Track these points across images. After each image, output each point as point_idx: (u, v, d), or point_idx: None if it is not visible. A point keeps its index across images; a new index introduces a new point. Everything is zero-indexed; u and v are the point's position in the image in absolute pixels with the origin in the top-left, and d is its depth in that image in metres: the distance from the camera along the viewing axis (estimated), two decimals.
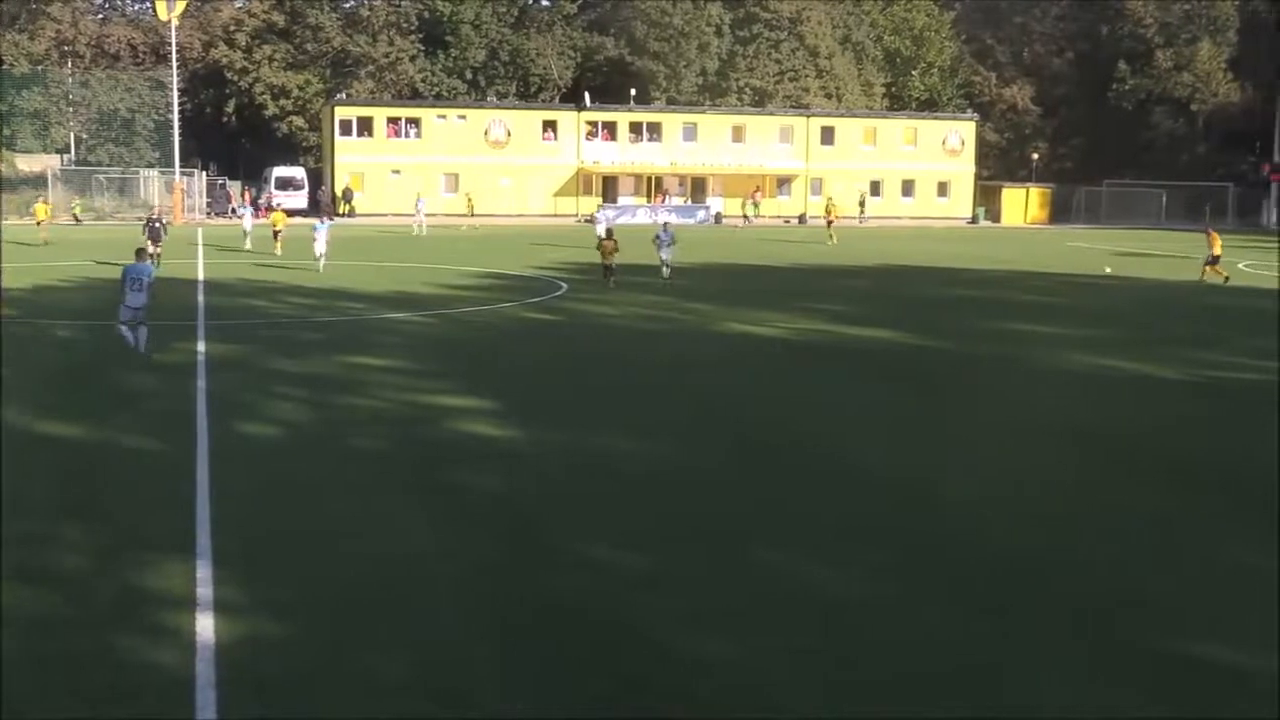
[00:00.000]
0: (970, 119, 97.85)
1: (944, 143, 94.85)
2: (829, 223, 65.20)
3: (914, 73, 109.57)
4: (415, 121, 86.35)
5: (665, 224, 44.02)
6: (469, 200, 75.64)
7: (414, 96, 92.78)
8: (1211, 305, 36.85)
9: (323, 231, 43.14)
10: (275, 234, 49.62)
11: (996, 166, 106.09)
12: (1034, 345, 27.42)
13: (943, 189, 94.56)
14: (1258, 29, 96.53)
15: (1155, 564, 12.12)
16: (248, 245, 52.02)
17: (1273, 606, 10.82)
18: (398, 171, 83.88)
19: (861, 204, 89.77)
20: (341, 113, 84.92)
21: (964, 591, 11.28)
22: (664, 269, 39.90)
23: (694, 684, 9.18)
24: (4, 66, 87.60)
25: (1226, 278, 42.80)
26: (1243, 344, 27.95)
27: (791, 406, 20.29)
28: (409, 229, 66.35)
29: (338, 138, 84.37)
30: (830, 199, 71.56)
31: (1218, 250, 43.01)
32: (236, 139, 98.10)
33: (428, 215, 67.13)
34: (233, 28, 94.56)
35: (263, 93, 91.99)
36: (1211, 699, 9.09)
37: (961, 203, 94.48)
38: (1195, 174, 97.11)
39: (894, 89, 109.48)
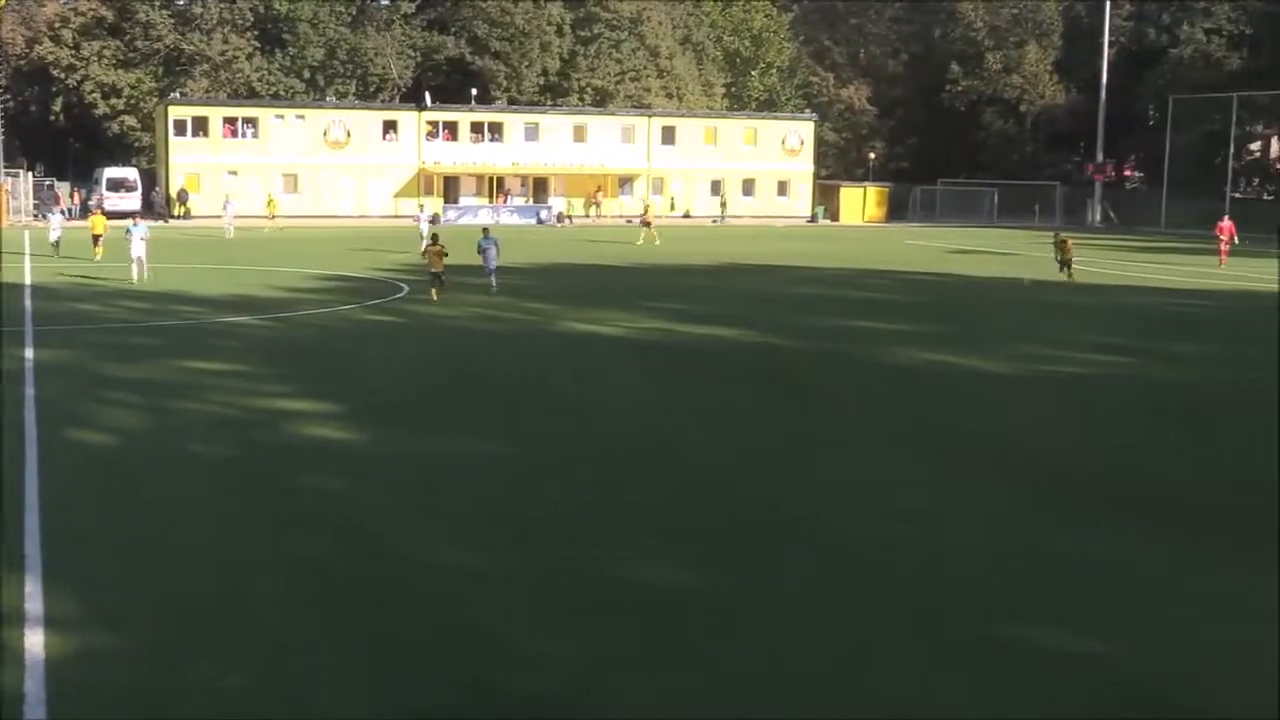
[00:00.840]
0: (809, 119, 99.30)
1: (783, 142, 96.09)
2: (645, 224, 64.47)
3: (753, 73, 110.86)
4: (252, 121, 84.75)
5: (486, 229, 39.34)
6: (270, 200, 73.81)
7: (250, 96, 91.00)
8: (1039, 301, 37.97)
9: (138, 234, 39.40)
10: (95, 239, 46.49)
11: (835, 166, 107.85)
12: (870, 341, 27.98)
13: (783, 188, 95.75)
14: (1080, 33, 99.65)
15: (981, 553, 12.49)
16: (61, 251, 48.68)
17: (1095, 591, 11.26)
18: (235, 172, 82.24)
19: (723, 204, 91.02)
20: (175, 112, 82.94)
21: (805, 586, 11.50)
22: (491, 279, 36.19)
23: (538, 683, 9.23)
24: None
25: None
26: (1067, 338, 28.88)
27: (630, 405, 20.43)
28: (247, 230, 65.11)
29: (172, 138, 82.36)
30: (649, 202, 70.13)
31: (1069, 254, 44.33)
32: (65, 138, 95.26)
33: (237, 216, 65.55)
34: (58, 23, 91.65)
35: (92, 91, 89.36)
36: (1039, 682, 9.41)
37: (801, 202, 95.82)
38: (1025, 173, 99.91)
39: (734, 89, 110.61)
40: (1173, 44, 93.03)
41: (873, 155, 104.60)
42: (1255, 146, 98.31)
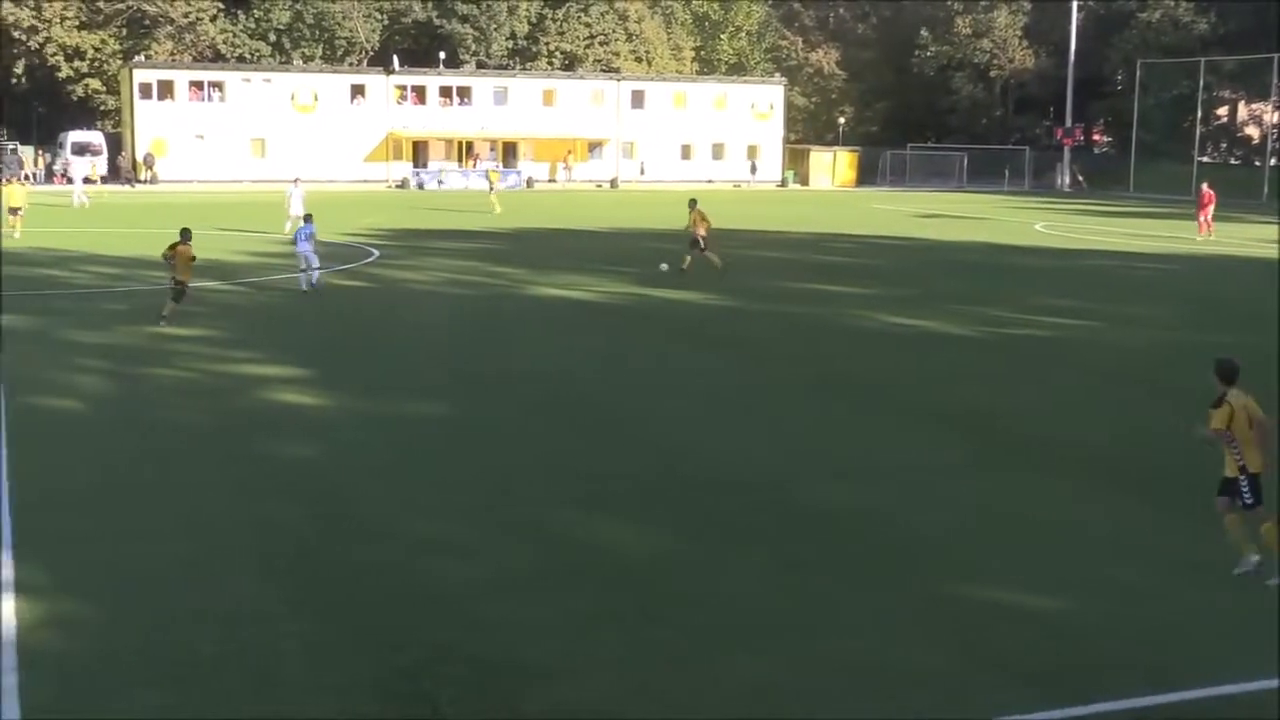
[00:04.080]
0: (779, 83, 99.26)
1: (753, 107, 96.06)
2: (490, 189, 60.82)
3: (723, 37, 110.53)
4: (219, 85, 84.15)
5: (308, 216, 30.35)
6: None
7: (216, 59, 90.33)
8: (1005, 265, 38.19)
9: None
10: (13, 211, 41.68)
11: (805, 130, 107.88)
12: (832, 304, 28.14)
13: (752, 152, 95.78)
14: None
15: (939, 512, 12.68)
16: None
17: (1044, 550, 11.47)
18: (202, 136, 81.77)
19: (753, 169, 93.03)
20: (141, 75, 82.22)
21: (766, 547, 11.67)
22: (308, 275, 28.83)
23: (507, 649, 9.36)
24: None
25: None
26: (1030, 301, 29.09)
27: (596, 369, 20.55)
28: (214, 195, 64.71)
29: (137, 101, 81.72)
30: (492, 170, 66.93)
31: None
32: (28, 101, 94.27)
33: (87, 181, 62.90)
34: None
35: (55, 54, 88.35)
36: (997, 636, 9.60)
37: (771, 166, 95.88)
38: (995, 138, 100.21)
39: (703, 53, 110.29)
40: (1141, 8, 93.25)
41: (842, 120, 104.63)
42: (1223, 111, 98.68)
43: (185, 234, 24.35)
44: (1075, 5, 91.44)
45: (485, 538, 11.88)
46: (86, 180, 57.23)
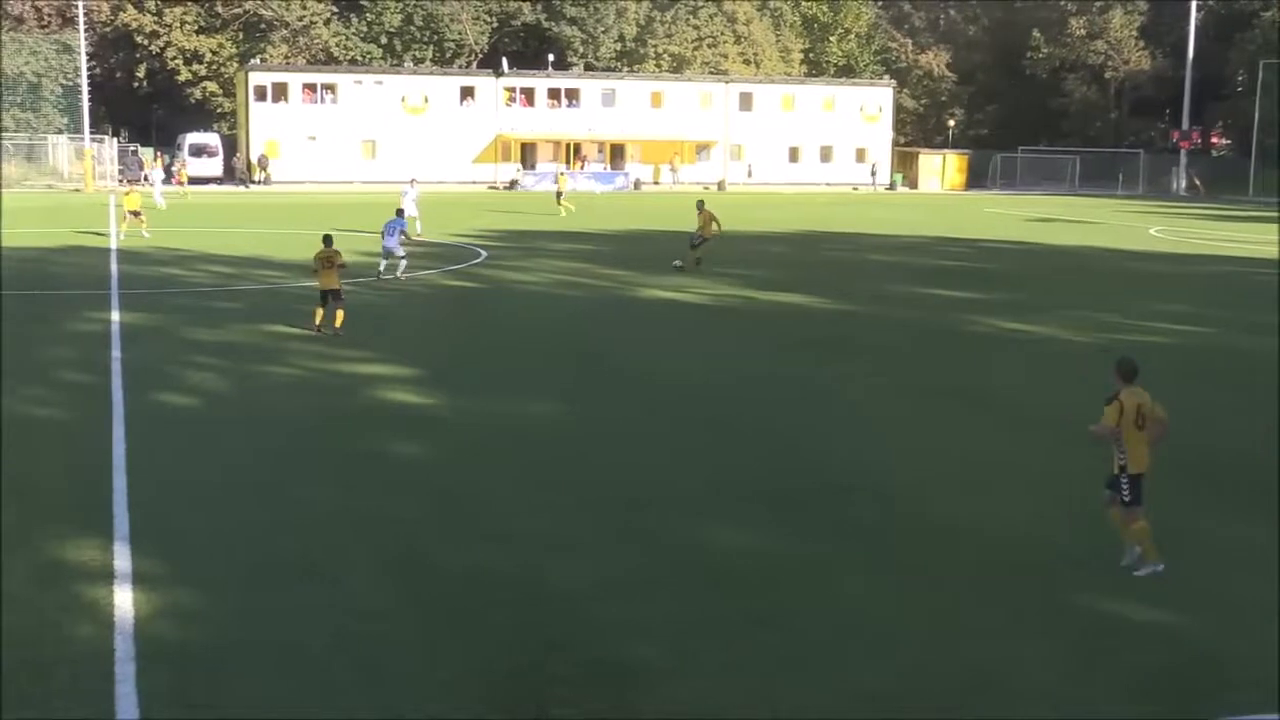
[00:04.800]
0: (887, 85, 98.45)
1: (861, 109, 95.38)
2: (559, 195, 58.89)
3: (831, 39, 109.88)
4: (331, 88, 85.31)
5: (399, 210, 31.59)
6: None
7: (329, 61, 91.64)
8: (1119, 269, 37.46)
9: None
10: (134, 214, 41.17)
11: (914, 133, 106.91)
12: (946, 309, 27.77)
13: (860, 155, 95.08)
14: None
15: (1058, 522, 12.40)
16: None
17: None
18: (314, 138, 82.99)
19: (873, 172, 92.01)
20: (256, 78, 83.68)
21: (881, 553, 11.49)
22: (393, 264, 30.49)
23: (618, 650, 9.30)
24: None
25: None
26: (1145, 307, 28.47)
27: (706, 372, 20.44)
28: (329, 195, 65.65)
29: (252, 103, 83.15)
30: (561, 173, 65.98)
31: None
32: (149, 104, 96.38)
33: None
34: None
35: (175, 57, 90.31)
36: (1121, 650, 9.35)
37: (879, 169, 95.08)
38: (1108, 141, 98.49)
39: (812, 55, 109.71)
40: (1265, 8, 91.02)
41: (952, 122, 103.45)
42: None
43: (327, 240, 23.66)
44: (1194, 5, 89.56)
45: (598, 538, 11.84)
46: (177, 182, 57.30)
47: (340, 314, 22.67)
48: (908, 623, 9.92)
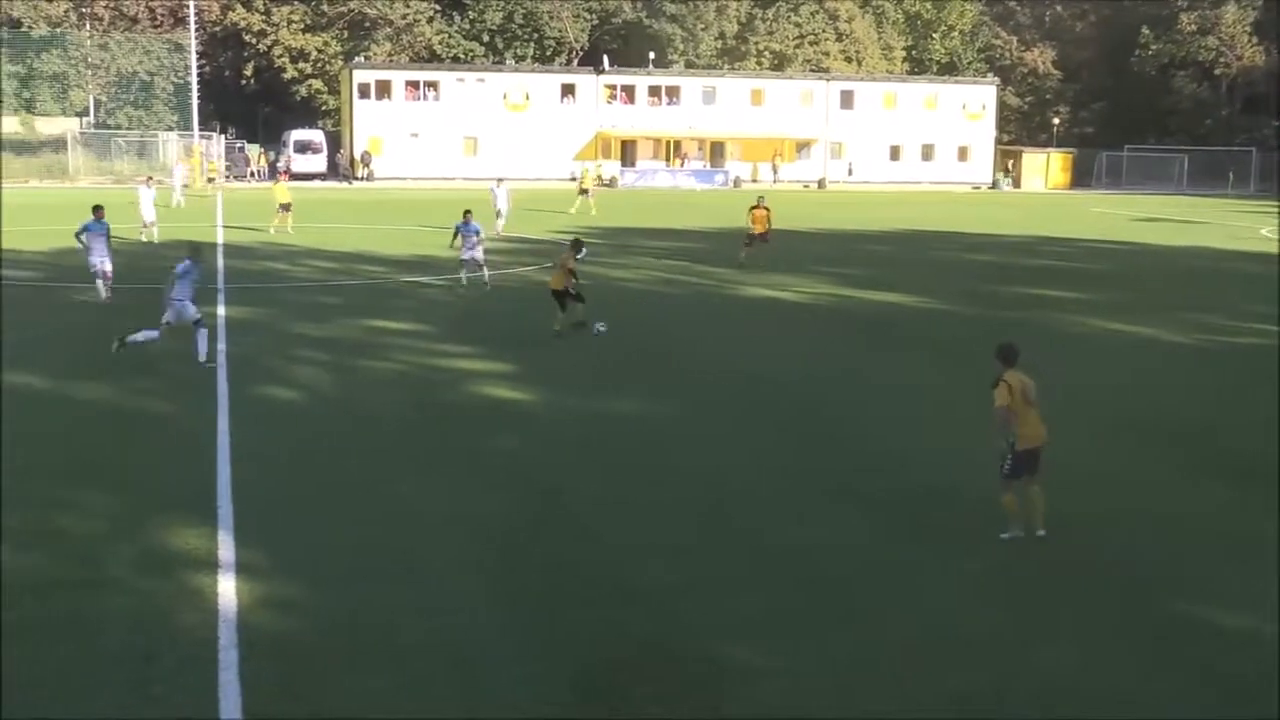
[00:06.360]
0: (991, 83, 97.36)
1: (964, 107, 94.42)
2: (582, 191, 57.27)
3: (934, 36, 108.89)
4: (434, 85, 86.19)
5: (466, 212, 29.39)
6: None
7: (431, 59, 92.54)
8: (1228, 270, 36.72)
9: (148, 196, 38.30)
10: (284, 208, 42.15)
11: (1017, 131, 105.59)
12: (1047, 309, 27.42)
13: (963, 154, 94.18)
14: None
15: (1152, 526, 12.22)
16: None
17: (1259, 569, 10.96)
18: (416, 135, 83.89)
19: (1007, 172, 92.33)
20: (360, 76, 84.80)
21: (973, 557, 11.41)
22: (473, 266, 29.11)
23: (708, 649, 9.33)
24: (23, 28, 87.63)
25: None
26: (1252, 309, 27.88)
27: (802, 372, 20.37)
28: (431, 192, 66.24)
29: (356, 101, 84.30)
30: (586, 169, 65.57)
31: None
32: (256, 102, 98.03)
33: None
34: None
35: (281, 55, 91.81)
36: (1213, 658, 9.22)
37: (982, 168, 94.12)
38: (1218, 139, 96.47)
39: (914, 52, 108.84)
40: None
41: (1056, 120, 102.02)
42: None
43: (577, 245, 23.32)
44: None
45: (691, 537, 11.88)
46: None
47: (580, 307, 22.74)
48: (994, 625, 9.86)
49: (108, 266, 25.42)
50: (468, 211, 29.33)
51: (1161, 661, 9.24)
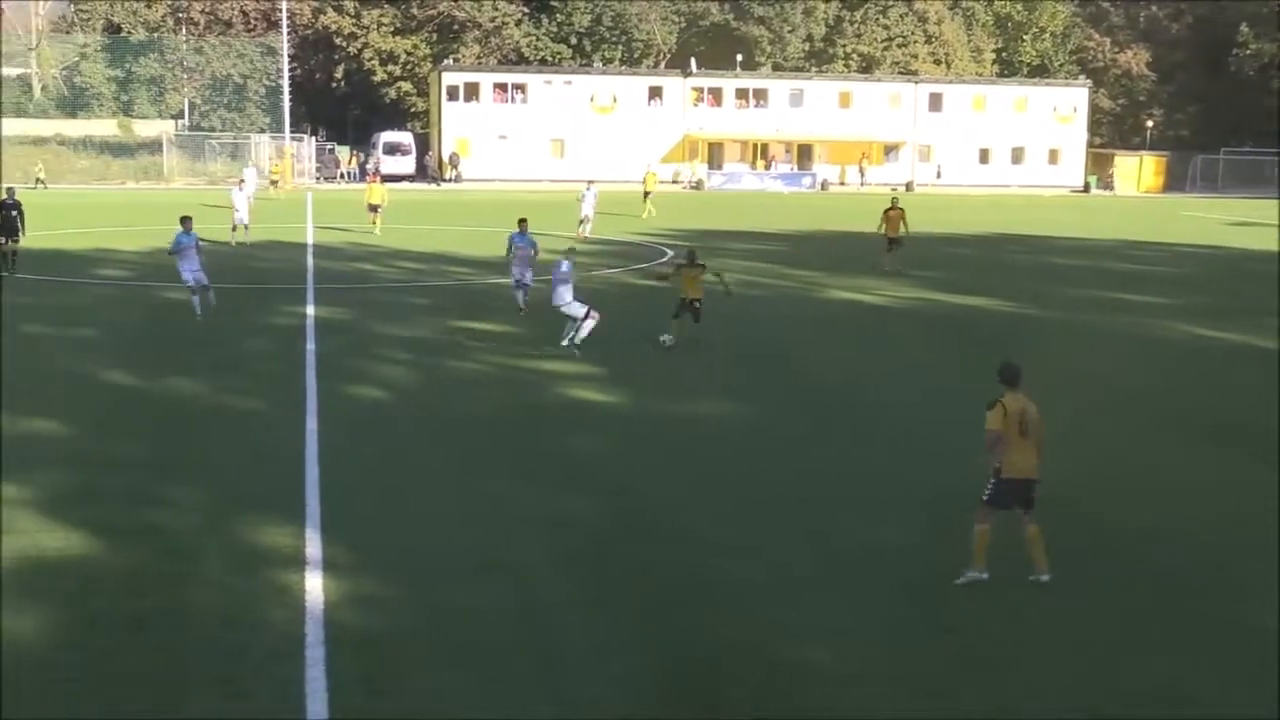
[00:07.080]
0: (1083, 86, 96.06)
1: (1055, 110, 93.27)
2: (646, 194, 56.27)
3: (1025, 38, 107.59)
4: (521, 87, 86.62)
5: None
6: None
7: (519, 62, 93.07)
8: None
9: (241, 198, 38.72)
10: (373, 208, 42.87)
11: (1109, 133, 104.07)
12: (1135, 313, 27.06)
13: (1053, 157, 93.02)
14: None
15: (1239, 536, 12.01)
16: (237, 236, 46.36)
17: None
18: (504, 137, 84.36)
19: (1111, 179, 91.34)
20: (449, 78, 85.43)
21: (1057, 566, 11.27)
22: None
23: (795, 653, 9.30)
24: (122, 33, 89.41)
25: None
26: None
27: (883, 374, 20.24)
28: (518, 193, 66.60)
29: (445, 103, 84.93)
30: (650, 172, 60.95)
31: None
32: (346, 104, 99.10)
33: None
34: None
35: (371, 58, 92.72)
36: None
37: (1073, 171, 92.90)
38: None
39: (1004, 55, 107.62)
40: None
41: (1150, 123, 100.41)
42: None
43: (690, 255, 22.88)
44: None
45: (778, 540, 11.85)
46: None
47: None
48: (1081, 633, 9.73)
49: (203, 278, 24.21)
50: (523, 220, 25.89)
51: (1257, 673, 9.05)
